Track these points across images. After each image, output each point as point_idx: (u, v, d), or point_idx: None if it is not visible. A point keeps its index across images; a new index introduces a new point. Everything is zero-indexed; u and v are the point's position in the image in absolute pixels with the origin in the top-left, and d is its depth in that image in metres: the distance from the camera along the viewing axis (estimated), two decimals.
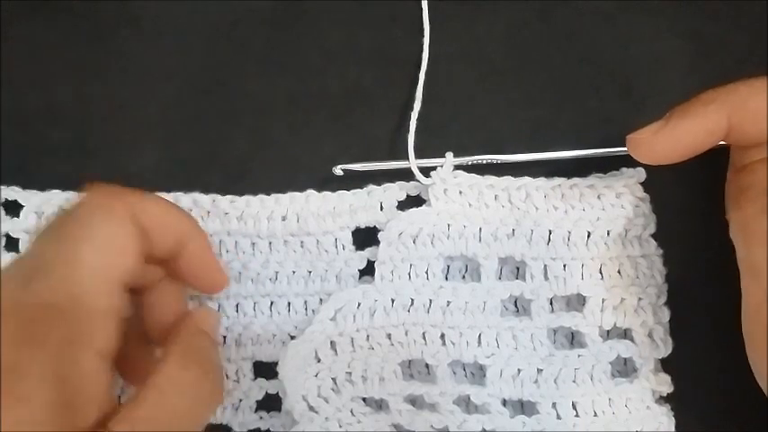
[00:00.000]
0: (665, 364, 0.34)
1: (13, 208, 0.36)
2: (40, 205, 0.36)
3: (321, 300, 0.35)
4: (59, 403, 0.25)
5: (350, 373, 0.34)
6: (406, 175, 0.35)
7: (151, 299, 0.31)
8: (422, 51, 0.36)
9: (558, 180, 0.34)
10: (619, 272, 0.34)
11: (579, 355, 0.34)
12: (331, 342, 0.34)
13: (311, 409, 0.33)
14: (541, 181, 0.34)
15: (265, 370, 0.35)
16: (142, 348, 0.32)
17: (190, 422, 0.28)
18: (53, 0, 0.39)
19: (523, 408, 0.34)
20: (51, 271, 0.26)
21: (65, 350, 0.26)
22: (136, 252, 0.28)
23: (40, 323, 0.26)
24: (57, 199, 0.36)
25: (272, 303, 0.35)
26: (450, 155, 0.35)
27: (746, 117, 0.28)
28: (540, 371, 0.34)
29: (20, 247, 0.36)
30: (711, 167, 0.33)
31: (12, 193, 0.36)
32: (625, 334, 0.34)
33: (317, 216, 0.35)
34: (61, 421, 0.25)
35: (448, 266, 0.35)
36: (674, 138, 0.29)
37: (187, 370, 0.28)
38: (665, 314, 0.33)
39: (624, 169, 0.35)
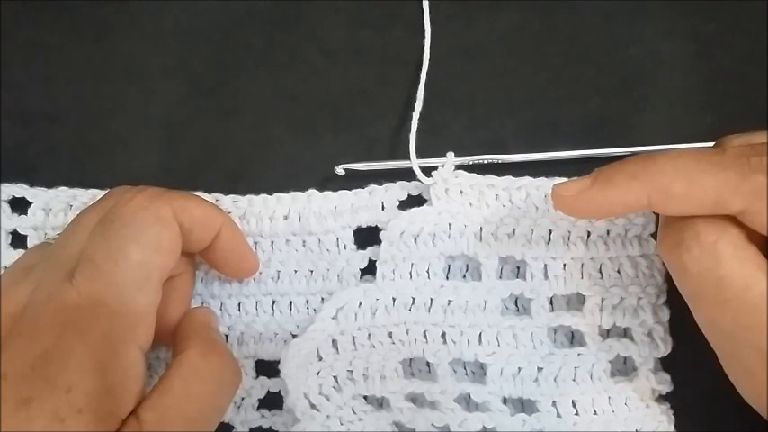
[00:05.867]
0: (665, 364, 0.34)
1: (21, 205, 0.36)
2: (48, 202, 0.36)
3: (323, 298, 0.35)
4: (100, 393, 0.26)
5: (351, 372, 0.34)
6: (408, 174, 0.35)
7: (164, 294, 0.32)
8: (423, 51, 0.37)
9: (558, 180, 0.35)
10: (618, 271, 0.34)
11: (579, 354, 0.34)
12: (332, 340, 0.34)
13: (313, 407, 0.33)
14: (542, 181, 0.35)
15: (267, 368, 0.35)
16: None
17: (214, 408, 0.30)
18: (53, 0, 0.39)
19: (524, 406, 0.34)
20: (98, 267, 0.28)
21: (107, 343, 0.27)
22: (178, 251, 0.30)
23: (84, 316, 0.27)
24: (64, 196, 0.36)
25: (274, 302, 0.35)
26: (451, 155, 0.35)
27: (668, 201, 0.27)
28: (540, 369, 0.34)
29: (28, 243, 0.36)
30: None
31: (19, 190, 0.36)
32: (625, 333, 0.34)
33: (318, 215, 0.35)
34: (101, 409, 0.26)
35: (449, 265, 0.35)
36: (595, 204, 0.29)
37: (208, 359, 0.30)
38: (665, 313, 0.34)
39: None
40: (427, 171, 0.35)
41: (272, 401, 0.35)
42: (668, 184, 0.27)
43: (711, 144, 0.31)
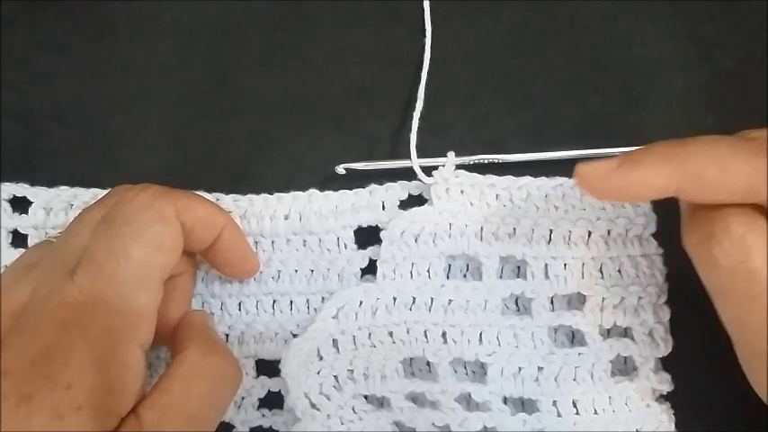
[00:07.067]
0: (666, 363, 0.34)
1: (22, 204, 0.36)
2: (49, 201, 0.36)
3: (323, 298, 0.35)
4: (100, 390, 0.26)
5: (352, 371, 0.34)
6: (408, 174, 0.35)
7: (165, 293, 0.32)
8: (423, 51, 0.37)
9: (558, 180, 0.35)
10: (619, 271, 0.34)
11: (580, 354, 0.34)
12: (333, 340, 0.34)
13: (313, 406, 0.33)
14: (542, 180, 0.35)
15: (268, 368, 0.35)
16: None
17: (214, 408, 0.30)
18: (54, 0, 0.39)
19: (524, 406, 0.34)
20: (100, 266, 0.28)
21: (108, 341, 0.27)
22: (180, 250, 0.30)
23: (86, 314, 0.27)
24: (65, 195, 0.36)
25: (274, 302, 0.35)
26: (451, 154, 0.35)
27: (700, 186, 0.27)
28: (540, 369, 0.34)
29: (28, 242, 0.36)
30: None
31: (20, 189, 0.36)
32: (625, 333, 0.34)
33: (319, 215, 0.35)
34: (100, 407, 0.26)
35: (449, 265, 0.35)
36: (622, 185, 0.28)
37: (208, 358, 0.30)
38: (666, 313, 0.34)
39: None
40: (428, 171, 0.35)
41: (273, 401, 0.35)
42: (701, 169, 0.27)
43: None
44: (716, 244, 0.27)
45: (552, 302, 0.34)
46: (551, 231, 0.34)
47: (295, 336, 0.34)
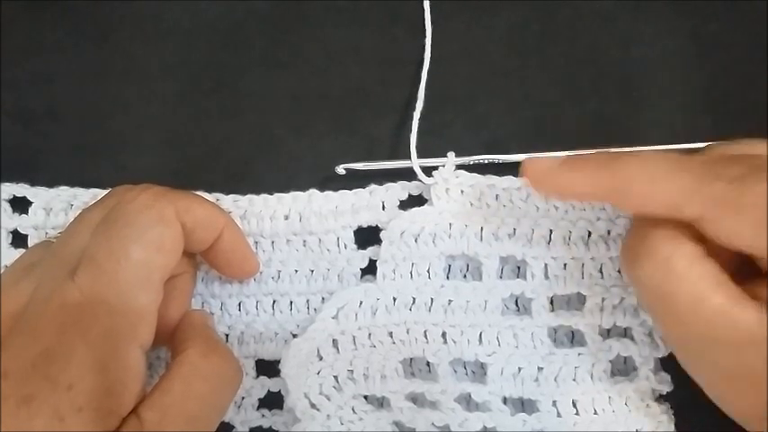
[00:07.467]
0: (665, 363, 0.34)
1: (22, 205, 0.36)
2: (49, 201, 0.36)
3: (323, 298, 0.35)
4: (101, 391, 0.26)
5: (351, 371, 0.34)
6: (408, 174, 0.35)
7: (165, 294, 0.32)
8: (423, 51, 0.37)
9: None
10: (619, 271, 0.34)
11: (579, 354, 0.34)
12: (333, 340, 0.34)
13: (313, 406, 0.33)
14: None
15: (267, 368, 0.35)
16: None
17: (214, 408, 0.30)
18: (54, 0, 0.39)
19: (524, 406, 0.34)
20: (100, 267, 0.28)
21: (108, 341, 0.27)
22: (180, 251, 0.30)
23: (86, 314, 0.27)
24: (65, 195, 0.36)
25: (274, 302, 0.35)
26: (451, 154, 0.35)
27: (626, 197, 0.28)
28: (540, 369, 0.34)
29: (28, 243, 0.36)
30: None
31: (20, 189, 0.36)
32: (625, 333, 0.34)
33: (319, 215, 0.35)
34: (101, 408, 0.26)
35: (449, 265, 0.35)
36: (559, 184, 0.29)
37: (209, 358, 0.30)
38: None
39: None
40: (428, 171, 0.35)
41: (273, 401, 0.35)
42: (629, 180, 0.27)
43: (709, 144, 0.31)
44: (639, 267, 0.28)
45: (552, 303, 0.34)
46: (551, 232, 0.34)
47: (295, 336, 0.34)
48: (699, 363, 0.29)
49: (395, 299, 0.34)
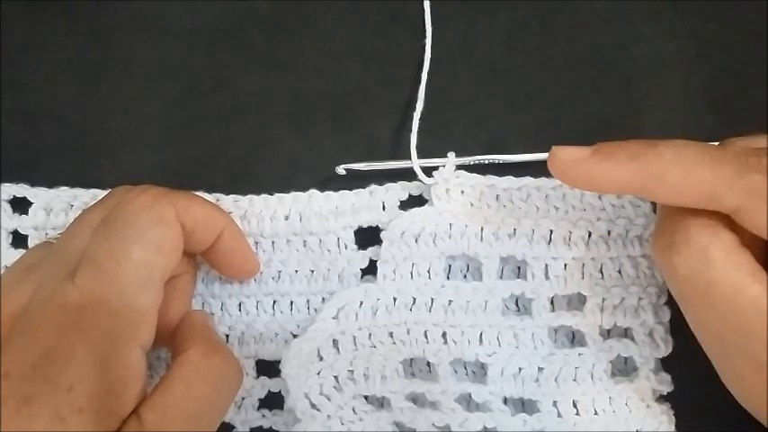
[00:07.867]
0: (666, 364, 0.34)
1: (22, 205, 0.36)
2: (49, 202, 0.36)
3: (323, 298, 0.35)
4: (101, 392, 0.26)
5: (352, 372, 0.34)
6: (409, 174, 0.35)
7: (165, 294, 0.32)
8: (423, 51, 0.37)
9: (559, 180, 0.35)
10: (619, 271, 0.34)
11: (580, 354, 0.34)
12: (333, 340, 0.34)
13: (313, 406, 0.33)
14: (542, 181, 0.35)
15: (268, 368, 0.35)
16: None
17: (215, 408, 0.30)
18: (54, 0, 0.39)
19: (524, 406, 0.34)
20: (100, 267, 0.28)
21: (109, 342, 0.27)
22: (180, 251, 0.30)
23: (86, 315, 0.27)
24: (65, 196, 0.36)
25: (274, 302, 0.35)
26: (452, 155, 0.35)
27: (661, 188, 0.27)
28: (540, 369, 0.34)
29: (28, 243, 0.36)
30: None
31: (20, 190, 0.36)
32: (625, 333, 0.34)
33: (319, 215, 0.35)
34: (102, 409, 0.26)
35: (450, 266, 0.35)
36: (589, 175, 0.29)
37: (209, 359, 0.30)
38: (666, 314, 0.34)
39: None
40: (428, 171, 0.35)
41: (273, 401, 0.35)
42: (665, 171, 0.27)
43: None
44: (676, 254, 0.27)
45: (552, 303, 0.34)
46: (552, 232, 0.34)
47: (295, 336, 0.34)
48: (729, 352, 0.28)
49: (395, 299, 0.34)
